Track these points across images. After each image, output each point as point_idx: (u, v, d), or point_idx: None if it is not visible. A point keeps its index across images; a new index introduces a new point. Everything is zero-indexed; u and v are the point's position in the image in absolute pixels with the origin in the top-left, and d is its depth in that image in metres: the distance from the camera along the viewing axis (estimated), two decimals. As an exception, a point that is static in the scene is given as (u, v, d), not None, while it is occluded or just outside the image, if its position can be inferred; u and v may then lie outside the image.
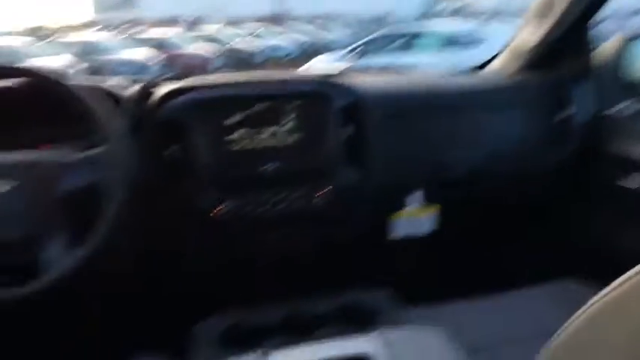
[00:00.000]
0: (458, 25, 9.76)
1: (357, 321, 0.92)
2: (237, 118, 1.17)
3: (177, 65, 11.77)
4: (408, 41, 8.48)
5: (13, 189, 0.89)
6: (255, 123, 1.18)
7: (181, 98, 1.16)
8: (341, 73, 1.31)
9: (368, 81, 1.34)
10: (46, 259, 0.89)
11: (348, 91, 1.24)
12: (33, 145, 1.15)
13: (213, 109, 1.16)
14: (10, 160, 0.92)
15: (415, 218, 1.33)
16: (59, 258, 0.89)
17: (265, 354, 0.69)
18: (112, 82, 1.50)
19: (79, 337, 1.25)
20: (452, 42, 8.17)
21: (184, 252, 1.21)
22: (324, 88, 1.22)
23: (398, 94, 1.32)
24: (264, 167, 1.17)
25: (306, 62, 8.51)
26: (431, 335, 0.76)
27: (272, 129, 1.20)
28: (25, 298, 0.87)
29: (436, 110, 1.30)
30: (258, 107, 1.18)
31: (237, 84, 1.21)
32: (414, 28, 9.41)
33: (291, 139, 1.20)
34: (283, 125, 1.20)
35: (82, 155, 0.95)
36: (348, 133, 1.23)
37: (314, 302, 0.97)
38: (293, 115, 1.20)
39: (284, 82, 1.23)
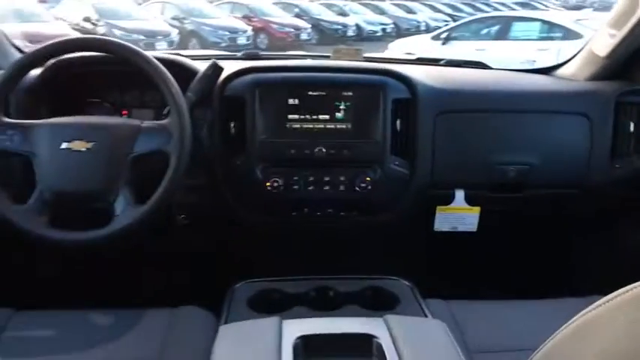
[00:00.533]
0: (562, 15, 9.13)
1: (377, 304, 0.98)
2: (295, 101, 1.25)
3: (267, 35, 12.07)
4: (503, 27, 8.08)
5: (92, 148, 1.03)
6: (312, 107, 1.26)
7: (246, 78, 1.25)
8: (406, 63, 1.34)
9: (430, 74, 1.36)
10: (116, 211, 1.03)
11: (405, 83, 1.27)
12: (112, 112, 1.29)
13: (273, 91, 1.25)
14: (91, 122, 1.06)
15: (459, 215, 1.35)
16: (128, 211, 1.02)
17: (281, 320, 0.78)
18: (188, 54, 1.64)
19: (131, 278, 1.40)
20: (551, 32, 7.67)
21: (233, 219, 1.32)
22: (381, 80, 1.26)
23: (457, 91, 1.33)
24: (317, 149, 1.24)
25: (392, 42, 8.39)
26: (435, 328, 0.80)
27: (327, 114, 1.26)
28: (99, 241, 1.01)
29: (495, 111, 1.30)
30: (316, 93, 1.25)
31: (298, 68, 1.28)
32: (511, 13, 8.93)
33: (344, 126, 1.27)
34: (338, 112, 1.26)
35: (153, 123, 1.07)
36: (401, 125, 1.27)
37: (342, 281, 1.04)
38: (348, 103, 1.26)
39: (343, 70, 1.29)
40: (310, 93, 1.25)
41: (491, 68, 1.74)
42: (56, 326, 1.07)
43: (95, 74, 1.30)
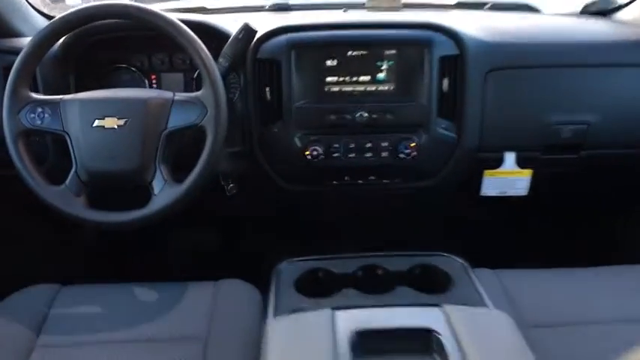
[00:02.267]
0: None
1: (429, 284, 0.94)
2: (333, 62, 1.16)
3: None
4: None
5: (125, 124, 0.98)
6: (351, 68, 1.17)
7: (280, 39, 1.16)
8: (446, 9, 1.21)
9: (479, 25, 1.24)
10: (154, 190, 0.99)
11: (453, 38, 1.16)
12: (140, 77, 1.22)
13: (310, 52, 1.16)
14: (122, 97, 1.01)
15: (508, 179, 1.27)
16: (166, 190, 0.98)
17: (333, 313, 0.74)
18: (212, 7, 1.53)
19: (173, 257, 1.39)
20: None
21: (274, 191, 1.27)
22: (427, 36, 1.15)
23: (510, 45, 1.21)
24: (358, 114, 1.16)
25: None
26: (499, 320, 0.76)
27: (368, 75, 1.17)
28: (138, 222, 0.99)
29: (552, 66, 1.18)
30: (356, 52, 1.16)
31: (336, 26, 1.18)
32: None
33: (386, 87, 1.18)
34: (380, 72, 1.17)
35: (185, 96, 1.00)
36: (448, 85, 1.17)
37: (389, 259, 1.00)
38: (390, 63, 1.16)
39: (384, 25, 1.18)
40: (350, 53, 1.16)
41: (540, 12, 1.59)
42: (102, 301, 1.07)
43: (120, 38, 1.23)
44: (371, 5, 1.56)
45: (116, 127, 0.98)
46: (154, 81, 1.30)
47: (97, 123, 0.98)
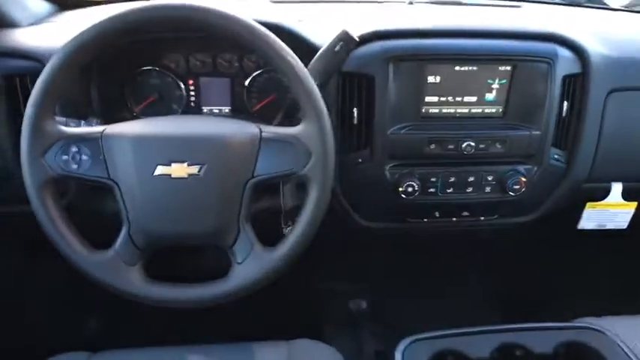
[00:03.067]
0: None
1: None
2: (436, 79, 0.94)
3: None
4: None
5: (201, 173, 0.72)
6: (455, 86, 0.95)
7: (373, 47, 0.91)
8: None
9: (597, 33, 1.04)
10: (238, 257, 0.75)
11: (576, 53, 0.96)
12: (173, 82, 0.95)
13: (409, 65, 0.92)
14: (194, 134, 0.74)
15: (611, 211, 1.12)
16: (255, 258, 0.75)
17: None
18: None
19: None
20: None
21: (346, 229, 1.05)
22: (551, 50, 0.94)
23: (630, 61, 1.02)
24: (464, 144, 0.95)
25: None
26: None
27: (474, 95, 0.96)
28: (218, 300, 0.75)
29: None
30: (465, 68, 0.94)
31: (441, 33, 0.94)
32: None
33: (494, 110, 0.97)
34: (489, 92, 0.96)
35: (278, 133, 0.75)
36: (567, 108, 0.98)
37: (526, 334, 0.82)
38: (503, 81, 0.95)
39: (496, 34, 0.96)
40: (457, 68, 0.94)
41: (611, 8, 1.42)
42: None
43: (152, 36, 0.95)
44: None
45: (187, 176, 0.72)
46: (191, 87, 1.03)
47: (160, 171, 0.72)
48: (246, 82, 1.02)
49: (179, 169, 0.72)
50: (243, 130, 0.75)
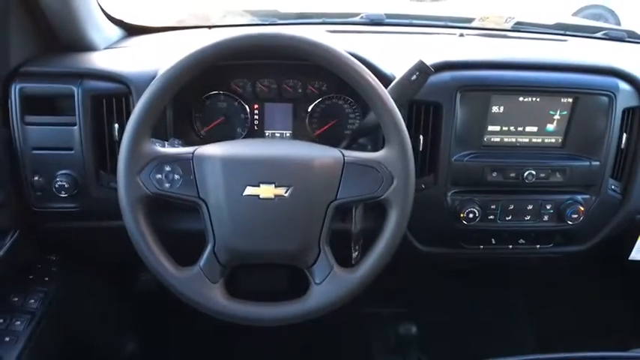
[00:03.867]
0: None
1: None
2: (500, 109, 0.97)
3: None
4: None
5: (289, 193, 0.75)
6: (518, 116, 0.98)
7: (443, 76, 0.95)
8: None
9: None
10: (316, 278, 0.77)
11: (635, 87, 0.99)
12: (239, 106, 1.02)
13: (476, 95, 0.96)
14: (282, 157, 0.77)
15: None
16: (335, 279, 0.77)
17: None
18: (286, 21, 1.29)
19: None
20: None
21: (404, 252, 1.07)
22: (612, 84, 0.97)
23: None
24: (526, 172, 0.97)
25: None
26: None
27: (535, 126, 0.99)
28: (297, 319, 0.77)
29: None
30: (528, 99, 0.97)
31: (505, 65, 0.98)
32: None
33: (553, 140, 1.00)
34: (550, 123, 0.99)
35: (361, 157, 0.78)
36: (626, 141, 1.00)
37: None
38: (564, 113, 0.98)
39: (559, 67, 0.99)
40: (521, 99, 0.97)
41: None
42: None
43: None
44: (481, 25, 1.38)
45: (274, 197, 0.75)
46: (255, 111, 1.06)
47: (248, 191, 0.75)
48: (309, 108, 1.06)
49: (267, 190, 0.75)
50: (327, 154, 0.78)
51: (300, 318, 0.77)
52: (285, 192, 0.75)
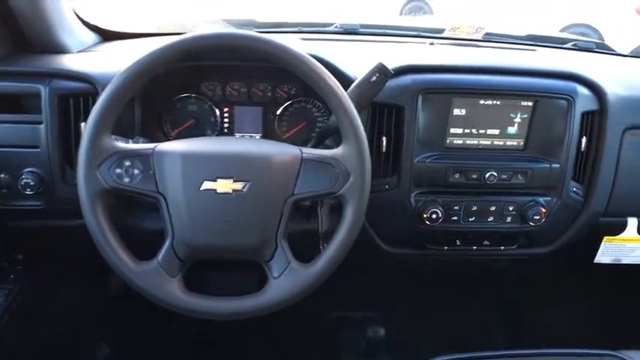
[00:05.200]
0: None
1: None
2: (461, 112, 0.99)
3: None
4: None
5: (246, 188, 0.76)
6: (479, 119, 1.00)
7: (405, 80, 0.97)
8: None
9: (609, 75, 1.10)
10: (274, 272, 0.78)
11: (594, 92, 1.02)
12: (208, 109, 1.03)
13: (437, 98, 0.98)
14: (240, 152, 0.79)
15: (627, 246, 1.15)
16: (291, 274, 0.78)
17: None
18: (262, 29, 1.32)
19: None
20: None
21: (369, 253, 1.08)
22: (569, 87, 1.00)
23: None
24: (487, 174, 0.99)
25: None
26: None
27: (497, 129, 1.01)
28: (253, 313, 0.77)
29: None
30: (489, 102, 0.99)
31: (467, 69, 1.01)
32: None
33: (515, 143, 1.02)
34: (511, 126, 1.01)
35: (318, 154, 0.80)
36: (585, 143, 1.03)
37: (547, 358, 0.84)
38: (524, 116, 1.01)
39: (519, 72, 1.02)
40: (482, 102, 0.99)
41: (619, 54, 1.49)
42: None
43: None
44: (452, 35, 1.41)
45: (231, 191, 0.76)
46: (225, 114, 1.08)
47: (206, 186, 0.76)
48: (278, 112, 1.08)
49: (224, 185, 0.76)
50: (285, 151, 0.80)
51: (256, 312, 0.78)
52: (243, 187, 0.76)
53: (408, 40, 1.38)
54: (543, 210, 1.02)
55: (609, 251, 1.16)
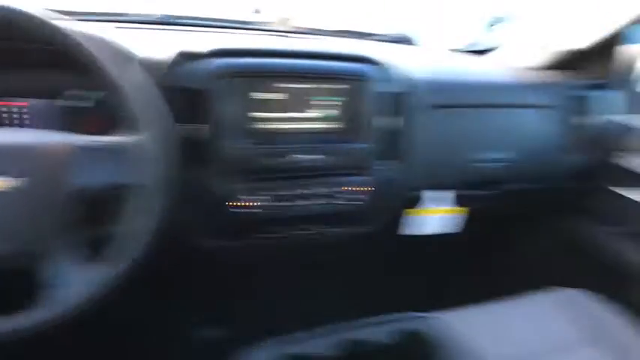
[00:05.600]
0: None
1: (418, 353, 0.82)
2: (262, 95, 0.97)
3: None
4: None
5: (22, 186, 0.64)
6: (283, 103, 0.99)
7: (207, 63, 0.93)
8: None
9: (407, 60, 1.18)
10: (55, 282, 0.67)
11: (389, 73, 1.08)
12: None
13: (240, 82, 0.95)
14: (8, 144, 0.66)
15: (441, 217, 1.23)
16: (80, 274, 0.67)
17: None
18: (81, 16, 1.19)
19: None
20: None
21: (188, 246, 1.01)
22: (362, 69, 1.04)
23: (443, 83, 1.17)
24: (290, 157, 0.99)
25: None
26: None
27: (299, 112, 1.01)
28: (35, 328, 0.66)
29: (480, 106, 1.19)
30: (288, 85, 0.99)
31: (265, 53, 0.99)
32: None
33: (324, 126, 1.03)
34: (316, 108, 1.02)
35: (97, 142, 0.70)
36: (391, 123, 1.08)
37: (367, 328, 0.85)
38: (329, 98, 1.02)
39: (319, 55, 1.03)
40: (284, 85, 0.98)
41: (419, 46, 1.63)
42: None
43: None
44: (265, 27, 1.42)
45: (5, 189, 0.64)
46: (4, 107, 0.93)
47: None
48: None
49: None
50: (51, 139, 0.69)
51: (52, 322, 0.66)
52: (21, 183, 0.64)
53: (226, 31, 1.35)
54: (353, 189, 1.04)
55: (425, 224, 1.23)
